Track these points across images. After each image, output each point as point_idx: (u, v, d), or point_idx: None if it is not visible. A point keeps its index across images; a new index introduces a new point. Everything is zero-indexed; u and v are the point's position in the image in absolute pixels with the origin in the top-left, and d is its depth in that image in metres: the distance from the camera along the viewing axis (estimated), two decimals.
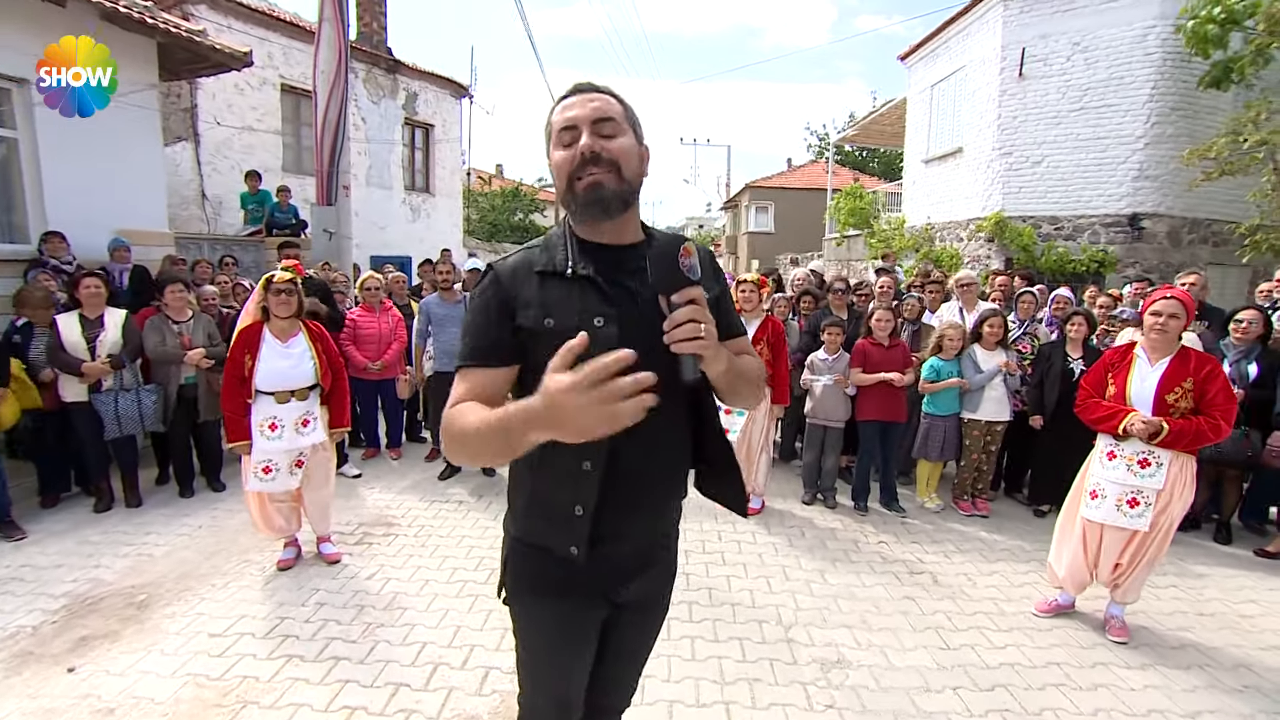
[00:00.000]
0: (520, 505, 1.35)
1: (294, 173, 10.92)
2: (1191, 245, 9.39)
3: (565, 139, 1.22)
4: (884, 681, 2.72)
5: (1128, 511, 2.97)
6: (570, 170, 1.20)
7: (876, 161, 30.76)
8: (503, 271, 1.27)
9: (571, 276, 1.23)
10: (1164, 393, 2.87)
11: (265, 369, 3.39)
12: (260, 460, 3.42)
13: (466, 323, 1.29)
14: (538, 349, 1.18)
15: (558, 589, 1.34)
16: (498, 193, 24.10)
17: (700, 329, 1.12)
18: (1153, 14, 8.81)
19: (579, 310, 1.21)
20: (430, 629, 3.05)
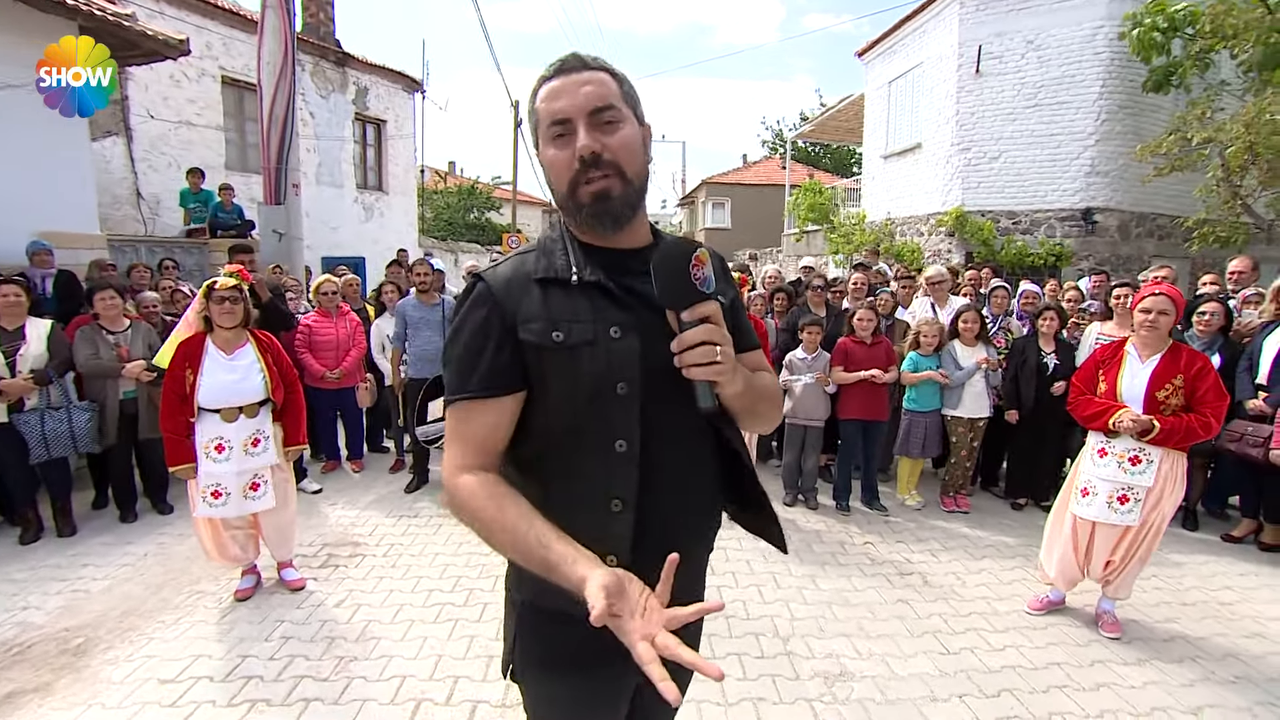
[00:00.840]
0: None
1: (238, 170, 10.36)
2: (1139, 239, 9.74)
3: (557, 134, 1.03)
4: (889, 693, 2.63)
5: (1118, 508, 2.96)
6: (570, 176, 1.03)
7: (829, 158, 31.26)
8: (495, 282, 1.06)
9: (578, 283, 1.05)
10: (1155, 390, 2.86)
11: (209, 384, 3.10)
12: (208, 484, 3.12)
13: (458, 347, 1.06)
14: (547, 367, 1.04)
15: (583, 660, 1.12)
16: (452, 191, 23.55)
17: (716, 351, 0.97)
18: (1100, 15, 9.08)
19: (592, 320, 1.04)
20: (408, 660, 2.84)
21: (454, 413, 1.06)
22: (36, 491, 4.08)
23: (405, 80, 14.31)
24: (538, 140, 1.07)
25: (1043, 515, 4.55)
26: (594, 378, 1.02)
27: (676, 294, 0.99)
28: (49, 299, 5.10)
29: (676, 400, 1.03)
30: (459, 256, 17.01)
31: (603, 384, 1.02)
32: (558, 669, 1.15)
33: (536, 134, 1.07)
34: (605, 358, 1.02)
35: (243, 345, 3.23)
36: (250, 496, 3.22)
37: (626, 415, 1.03)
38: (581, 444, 1.04)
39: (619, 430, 1.03)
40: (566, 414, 1.04)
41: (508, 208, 22.47)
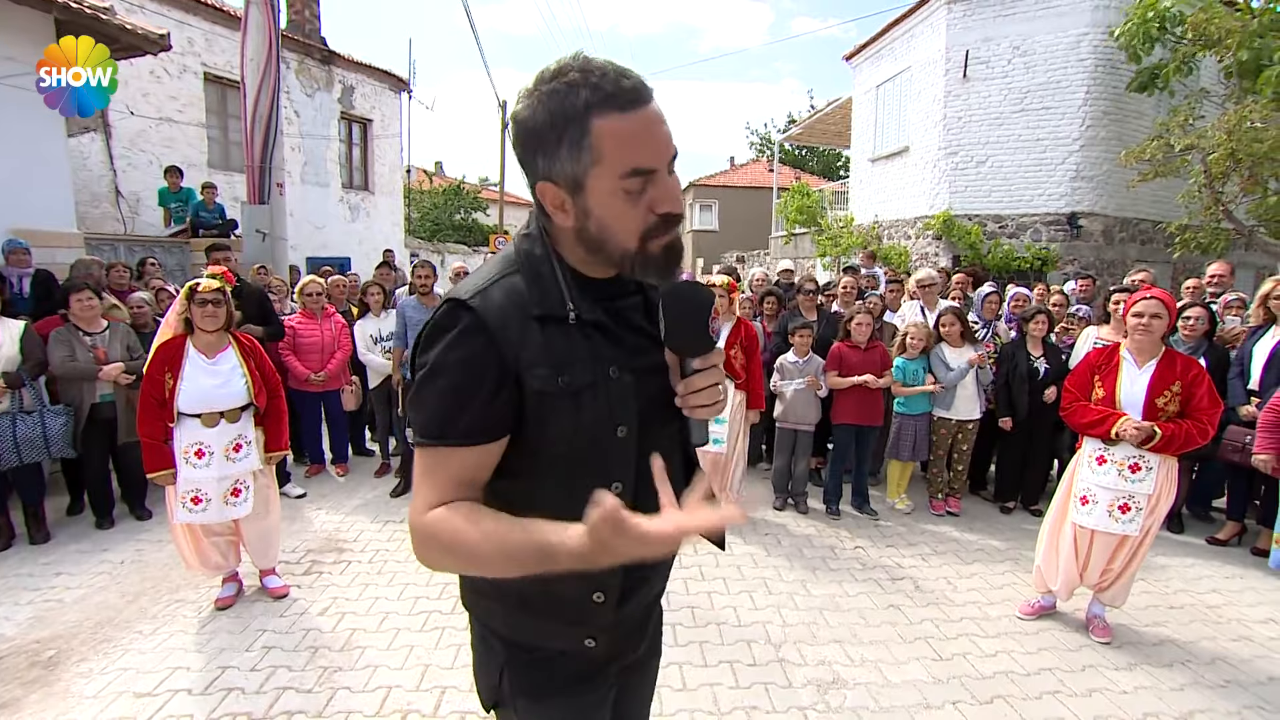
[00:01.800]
0: (510, 603, 1.06)
1: (221, 169, 10.21)
2: (1122, 243, 9.86)
3: (634, 188, 0.90)
4: (883, 700, 2.61)
5: (1119, 517, 2.95)
6: (643, 229, 0.93)
7: (816, 161, 31.44)
8: (489, 315, 0.93)
9: (576, 321, 0.98)
10: (1154, 396, 2.86)
11: (189, 388, 3.01)
12: (187, 490, 3.04)
13: (441, 385, 0.93)
14: (547, 411, 0.96)
15: (570, 687, 1.10)
16: (438, 191, 23.40)
17: (720, 390, 1.00)
18: (1085, 22, 9.19)
19: (590, 360, 0.97)
20: (394, 670, 2.78)
21: (431, 455, 0.95)
22: (8, 497, 3.96)
23: (392, 79, 14.18)
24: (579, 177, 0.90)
25: (1031, 519, 4.59)
26: (595, 421, 0.97)
27: (689, 342, 0.98)
28: (25, 299, 4.97)
29: (663, 429, 1.03)
30: (445, 257, 16.90)
31: (603, 427, 0.98)
32: (547, 697, 1.11)
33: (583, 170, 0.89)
34: (606, 400, 0.98)
35: (225, 349, 3.14)
36: (231, 503, 3.14)
37: (624, 457, 1.00)
38: (576, 486, 0.93)
39: (615, 473, 0.99)
40: (563, 456, 0.98)
41: (494, 208, 22.38)
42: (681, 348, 1.00)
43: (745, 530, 4.32)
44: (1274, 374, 4.03)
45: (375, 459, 5.65)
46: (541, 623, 1.06)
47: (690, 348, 0.99)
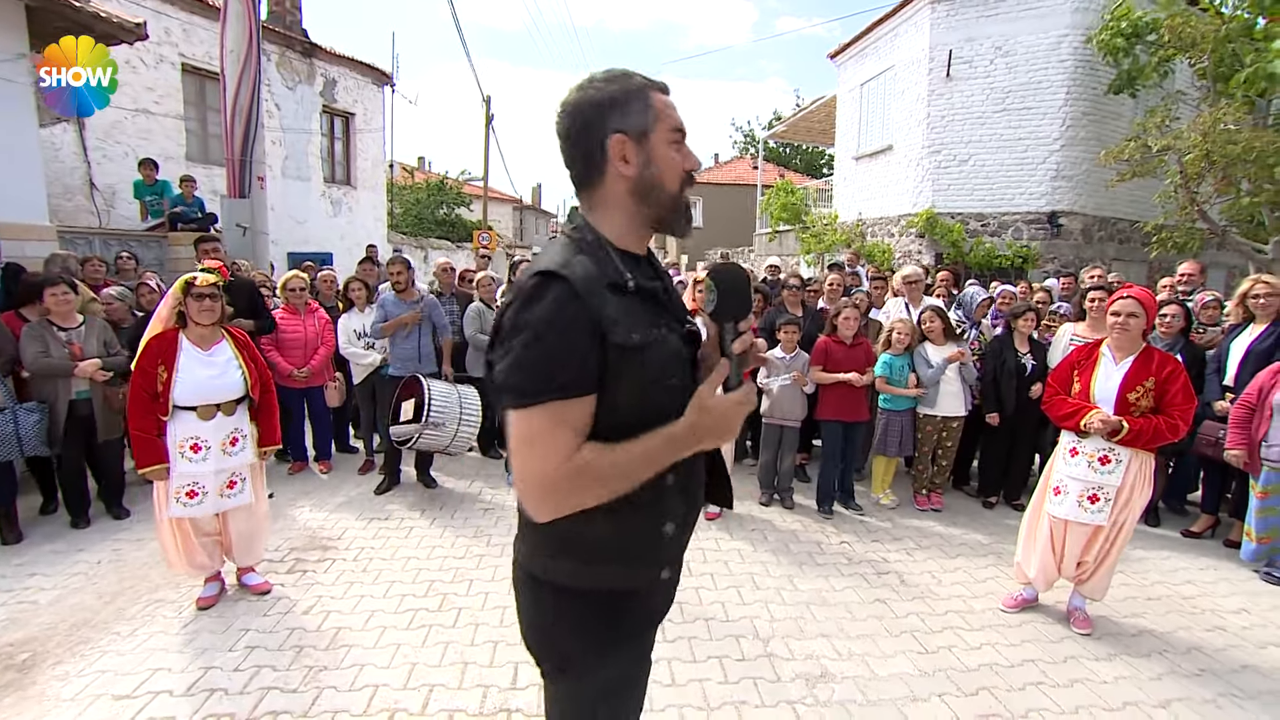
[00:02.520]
0: (599, 546, 1.18)
1: (200, 162, 10.02)
2: (1101, 242, 10.02)
3: (676, 140, 1.19)
4: (870, 694, 2.63)
5: (1088, 507, 3.03)
6: (681, 180, 1.20)
7: (799, 159, 31.58)
8: (580, 285, 1.07)
9: (634, 289, 1.16)
10: (1126, 391, 2.91)
11: (185, 380, 2.98)
12: (182, 484, 3.01)
13: (546, 346, 1.04)
14: (623, 366, 1.10)
15: (636, 632, 1.29)
16: (421, 186, 23.15)
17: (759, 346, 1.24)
18: (1065, 23, 9.31)
19: (647, 322, 1.16)
20: (381, 669, 2.75)
21: (549, 411, 1.04)
22: None
23: (375, 73, 14.01)
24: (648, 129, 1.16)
25: (1013, 514, 4.65)
26: (656, 373, 1.14)
27: (740, 308, 1.18)
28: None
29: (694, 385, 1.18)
30: (428, 253, 16.74)
31: (661, 378, 1.15)
32: (617, 645, 1.25)
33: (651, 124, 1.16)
34: (660, 355, 1.15)
35: (219, 341, 3.13)
36: (227, 495, 3.13)
37: (676, 403, 1.13)
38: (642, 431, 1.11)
39: (673, 417, 1.12)
40: (634, 405, 1.12)
41: (478, 204, 22.21)
42: (735, 313, 1.17)
43: (732, 525, 4.34)
44: (1249, 371, 4.12)
45: (359, 456, 5.59)
46: (622, 567, 1.21)
47: (738, 312, 1.18)
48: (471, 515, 4.45)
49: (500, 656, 2.83)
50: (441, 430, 4.32)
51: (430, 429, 4.26)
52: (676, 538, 1.25)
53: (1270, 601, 3.57)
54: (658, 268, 1.30)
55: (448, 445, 4.43)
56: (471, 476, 5.27)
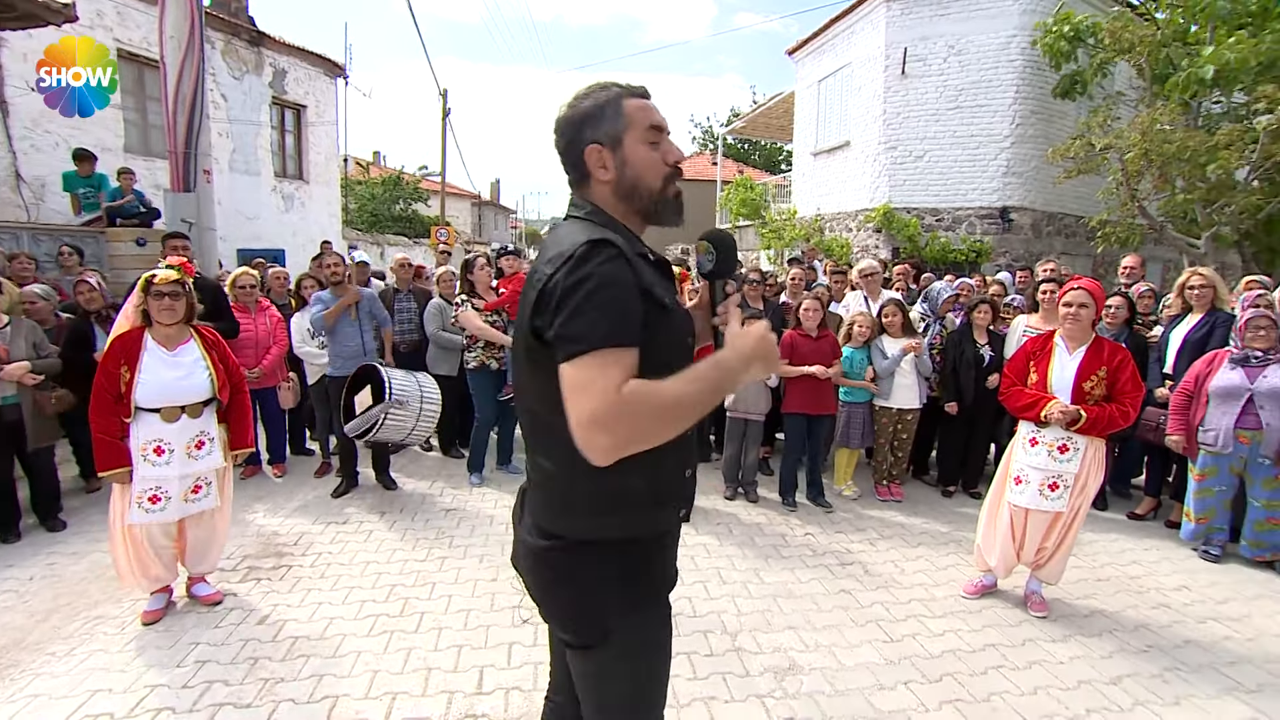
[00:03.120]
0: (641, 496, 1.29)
1: (140, 154, 9.55)
2: (1049, 236, 10.36)
3: (653, 139, 1.29)
4: (838, 684, 2.66)
5: (1049, 495, 3.12)
6: (665, 174, 1.30)
7: (759, 154, 31.87)
8: (624, 250, 1.19)
9: (654, 260, 1.33)
10: (1081, 380, 3.01)
11: (148, 381, 2.86)
12: (145, 489, 2.88)
13: (607, 297, 1.12)
14: (658, 324, 1.21)
15: (666, 581, 1.41)
16: (377, 181, 22.61)
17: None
18: (1013, 25, 9.58)
19: (666, 288, 1.30)
20: (341, 678, 2.65)
21: (604, 356, 1.09)
22: None
23: (326, 64, 13.59)
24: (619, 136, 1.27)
25: (972, 502, 4.77)
26: (677, 332, 1.30)
27: (730, 267, 1.39)
28: None
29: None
30: (385, 249, 16.36)
31: (681, 336, 1.33)
32: (655, 597, 1.38)
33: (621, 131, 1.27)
34: (679, 317, 1.31)
35: (186, 341, 3.00)
36: (191, 499, 3.01)
37: (690, 360, 1.24)
38: None
39: None
40: (663, 358, 1.19)
41: (436, 199, 21.80)
42: (726, 272, 1.38)
43: (697, 520, 4.34)
44: (1186, 359, 4.30)
45: (316, 458, 5.42)
46: (656, 511, 1.33)
47: (730, 271, 1.38)
48: (433, 517, 4.36)
49: (465, 661, 2.76)
50: (406, 410, 4.17)
51: (395, 408, 4.11)
52: (693, 479, 1.41)
53: (1208, 578, 3.74)
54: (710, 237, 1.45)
55: (410, 430, 4.28)
56: (433, 477, 5.15)
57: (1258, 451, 3.71)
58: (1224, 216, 7.70)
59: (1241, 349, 3.79)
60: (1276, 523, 3.76)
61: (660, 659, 1.39)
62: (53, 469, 4.14)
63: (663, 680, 1.41)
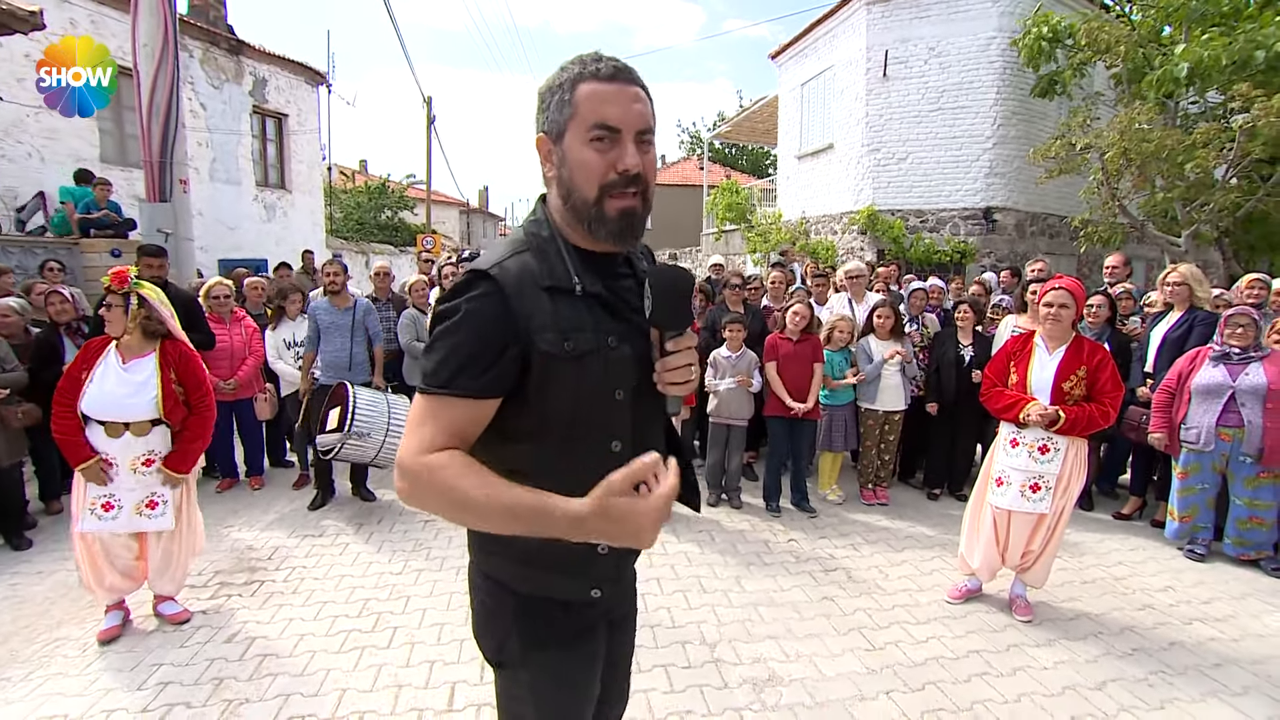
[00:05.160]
0: (523, 558, 1.16)
1: (117, 164, 9.42)
2: (1033, 236, 10.40)
3: (597, 137, 1.04)
4: (818, 695, 2.60)
5: (1030, 496, 3.08)
6: (602, 183, 1.05)
7: (745, 159, 31.96)
8: (508, 284, 1.04)
9: (581, 294, 1.09)
10: (1061, 380, 2.98)
11: (93, 392, 2.80)
12: (99, 495, 2.82)
13: (457, 339, 1.03)
14: (552, 374, 1.06)
15: (572, 638, 1.23)
16: (362, 189, 22.48)
17: (692, 371, 1.10)
18: (993, 26, 9.63)
19: (593, 329, 1.09)
20: (308, 697, 2.58)
21: (434, 402, 1.03)
22: None
23: (308, 72, 13.50)
24: (561, 127, 1.06)
25: (957, 504, 4.72)
26: (595, 384, 1.08)
27: (672, 319, 1.08)
28: None
29: (653, 398, 1.13)
30: (370, 258, 16.24)
31: (603, 391, 1.09)
32: (552, 648, 1.21)
33: (564, 122, 1.06)
34: (605, 366, 1.08)
35: (144, 356, 2.90)
36: (146, 514, 2.91)
37: (622, 418, 1.11)
38: (577, 445, 1.10)
39: (616, 431, 1.12)
40: (565, 417, 1.08)
41: (422, 207, 21.69)
42: (663, 324, 1.09)
43: (679, 527, 4.28)
44: (1167, 357, 4.29)
45: (294, 470, 5.32)
46: (551, 575, 1.17)
47: (670, 324, 1.09)
48: (411, 528, 4.27)
49: (436, 677, 2.69)
50: (366, 441, 4.11)
51: (353, 439, 4.05)
52: (611, 560, 1.18)
53: (1193, 578, 3.72)
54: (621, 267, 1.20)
55: (374, 458, 4.22)
56: None
57: (1239, 449, 3.70)
58: (1203, 214, 7.74)
59: (1222, 344, 3.79)
60: (1259, 521, 3.74)
61: (570, 697, 1.28)
62: (19, 486, 4.03)
63: (573, 716, 1.30)
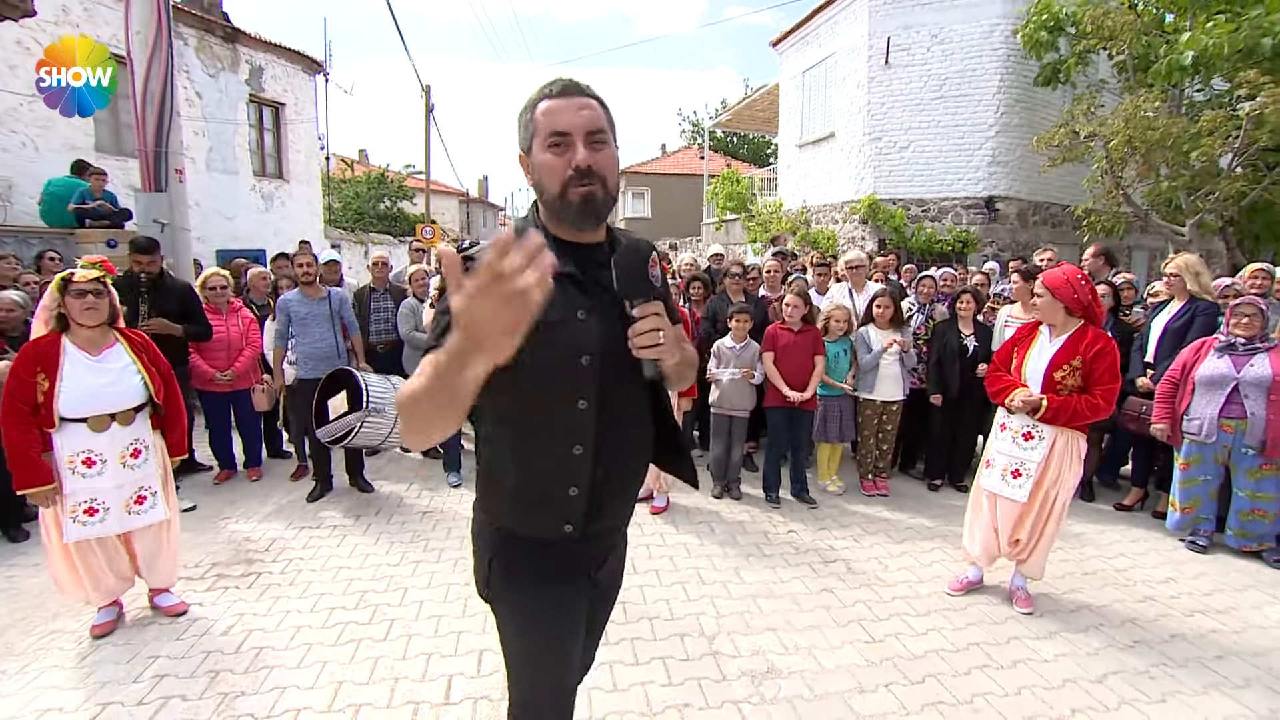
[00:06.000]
0: (507, 494, 1.36)
1: (113, 153, 9.35)
2: (1035, 226, 10.33)
3: (554, 144, 1.24)
4: (817, 688, 2.59)
5: (1010, 482, 3.10)
6: (564, 179, 1.24)
7: (746, 148, 31.76)
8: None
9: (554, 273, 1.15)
10: (1053, 370, 2.96)
11: (72, 389, 2.69)
12: (79, 502, 2.74)
13: (441, 312, 1.22)
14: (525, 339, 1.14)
15: (555, 574, 1.39)
16: (361, 179, 22.36)
17: (660, 336, 1.21)
18: (996, 13, 9.51)
19: (561, 303, 1.21)
20: (304, 690, 2.56)
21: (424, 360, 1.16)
22: None
23: (305, 61, 13.38)
24: (530, 143, 1.29)
25: (959, 495, 4.71)
26: (564, 349, 1.26)
27: (634, 287, 1.23)
28: None
29: (627, 368, 1.28)
30: (369, 248, 16.17)
31: (571, 355, 1.27)
32: (527, 583, 1.40)
33: (530, 139, 1.28)
34: (573, 334, 1.26)
35: (111, 345, 2.84)
36: (135, 511, 2.86)
37: (588, 379, 1.28)
38: (550, 401, 1.29)
39: (582, 391, 1.29)
40: (538, 378, 1.25)
41: (421, 197, 21.59)
42: (628, 293, 1.23)
43: (679, 518, 4.27)
44: (1168, 347, 4.26)
45: (292, 462, 5.31)
46: (531, 510, 1.35)
47: (633, 291, 1.23)
48: (409, 519, 4.26)
49: (433, 669, 2.68)
50: (383, 417, 4.08)
51: (373, 416, 4.02)
52: (581, 499, 1.33)
53: (1195, 569, 3.70)
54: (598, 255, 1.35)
55: (386, 436, 4.19)
56: (410, 479, 5.05)
57: (1241, 441, 3.67)
58: (1208, 204, 7.67)
59: (1228, 335, 3.75)
60: (1261, 513, 3.72)
61: (539, 633, 1.41)
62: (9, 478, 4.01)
63: (542, 658, 1.43)
